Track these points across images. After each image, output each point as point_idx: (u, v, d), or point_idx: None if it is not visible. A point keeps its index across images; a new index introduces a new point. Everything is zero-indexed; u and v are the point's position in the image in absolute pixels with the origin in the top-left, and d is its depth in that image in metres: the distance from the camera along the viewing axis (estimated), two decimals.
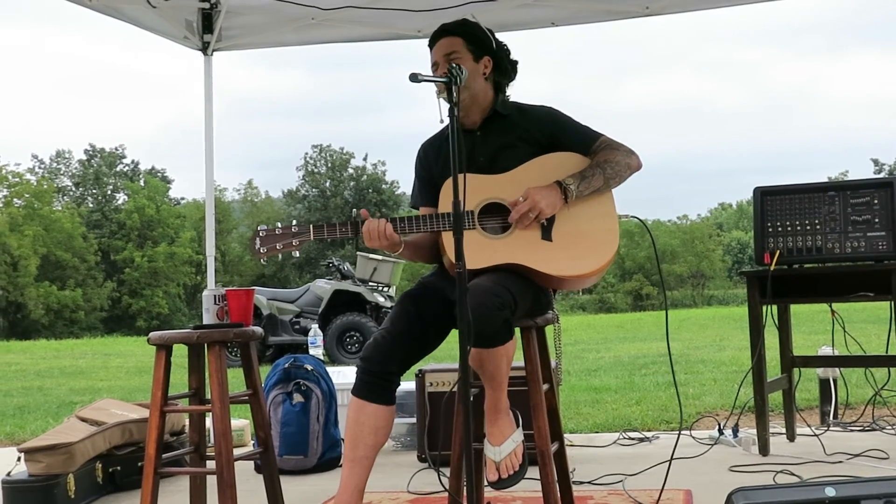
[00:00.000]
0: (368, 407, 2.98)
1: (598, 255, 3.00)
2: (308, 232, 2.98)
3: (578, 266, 2.98)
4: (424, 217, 2.96)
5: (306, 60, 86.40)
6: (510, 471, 2.92)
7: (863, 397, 5.52)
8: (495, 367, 2.90)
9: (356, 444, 2.98)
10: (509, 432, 2.96)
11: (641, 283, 44.69)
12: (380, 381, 2.99)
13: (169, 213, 45.07)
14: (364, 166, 50.27)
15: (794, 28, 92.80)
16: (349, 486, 2.98)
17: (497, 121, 3.15)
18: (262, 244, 2.99)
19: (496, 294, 2.81)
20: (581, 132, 3.12)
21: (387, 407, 3.01)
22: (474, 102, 3.13)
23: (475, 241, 2.93)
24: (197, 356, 3.42)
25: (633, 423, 5.65)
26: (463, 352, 2.58)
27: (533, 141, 3.10)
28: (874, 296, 4.19)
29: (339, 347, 13.18)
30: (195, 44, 5.39)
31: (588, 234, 3.01)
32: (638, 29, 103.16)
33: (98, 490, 4.07)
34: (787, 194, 4.35)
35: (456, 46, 3.12)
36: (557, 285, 3.09)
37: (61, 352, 18.87)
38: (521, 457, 2.96)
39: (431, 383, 4.55)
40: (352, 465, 2.98)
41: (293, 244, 2.98)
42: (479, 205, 2.99)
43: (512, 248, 2.96)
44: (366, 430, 2.98)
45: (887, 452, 4.22)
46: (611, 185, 3.03)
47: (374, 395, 2.99)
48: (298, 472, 4.46)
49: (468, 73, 3.01)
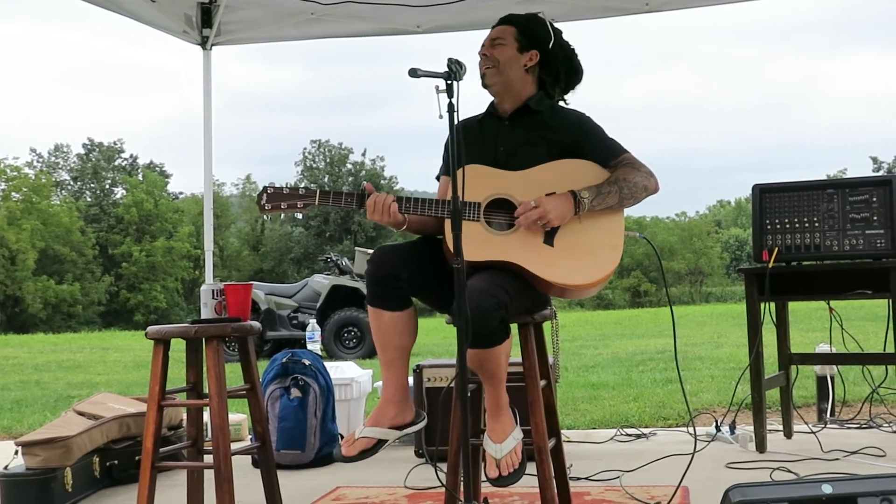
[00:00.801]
0: (385, 315, 2.98)
1: (596, 268, 2.97)
2: (314, 196, 2.99)
3: (574, 276, 2.95)
4: (429, 201, 2.96)
5: (305, 55, 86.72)
6: (511, 468, 2.91)
7: (860, 395, 5.53)
8: (495, 366, 2.91)
9: (385, 348, 3.01)
10: (510, 429, 2.97)
11: (640, 279, 44.71)
12: (389, 289, 2.96)
13: (167, 208, 45.06)
14: (363, 161, 50.26)
15: (793, 25, 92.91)
16: (391, 385, 3.02)
17: (527, 115, 3.15)
18: (268, 200, 3.01)
19: (492, 295, 2.80)
20: (606, 145, 3.10)
21: (404, 312, 2.99)
22: (507, 90, 3.14)
23: (476, 234, 2.93)
24: (195, 351, 3.42)
25: (631, 420, 5.65)
26: (461, 348, 2.58)
27: (556, 142, 3.08)
28: (872, 293, 4.20)
29: (337, 342, 13.18)
30: (194, 38, 5.38)
31: (591, 246, 2.98)
32: (637, 26, 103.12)
33: (95, 484, 4.07)
34: (785, 192, 4.34)
35: (504, 34, 3.15)
36: (549, 291, 3.06)
37: (59, 346, 18.85)
38: (521, 454, 2.96)
39: (429, 378, 4.55)
40: (387, 367, 3.03)
41: (297, 206, 3.00)
42: (487, 198, 2.98)
43: (511, 246, 2.94)
44: (388, 336, 2.99)
45: (884, 450, 4.22)
46: (625, 204, 3.01)
47: (387, 302, 2.97)
48: (296, 466, 4.46)
49: (508, 59, 3.10)
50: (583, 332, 16.96)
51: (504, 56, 3.11)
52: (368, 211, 2.95)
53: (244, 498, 3.62)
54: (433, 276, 2.99)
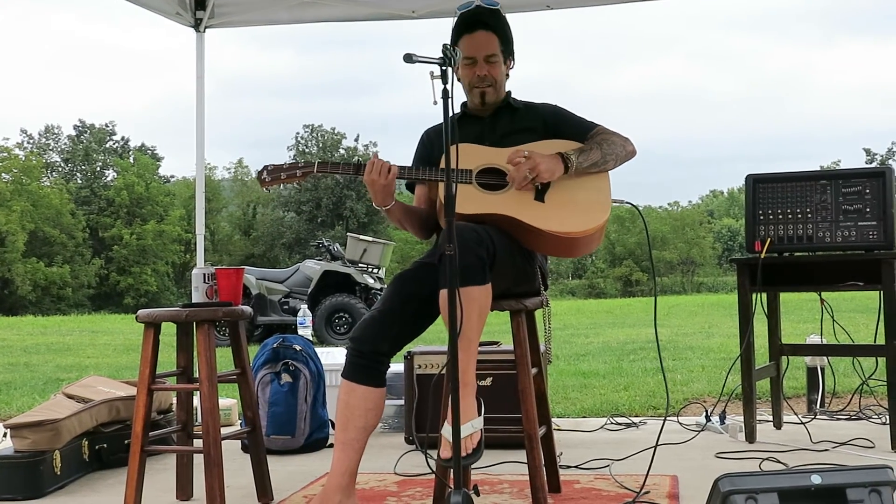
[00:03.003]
0: (358, 389, 2.97)
1: (588, 218, 3.06)
2: (312, 165, 3.13)
3: (567, 224, 3.03)
4: (424, 169, 3.09)
5: (298, 39, 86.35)
6: (464, 452, 2.76)
7: (850, 386, 5.54)
8: (465, 317, 2.72)
9: (347, 426, 2.97)
10: (470, 416, 2.81)
11: (631, 268, 44.81)
12: (370, 362, 2.98)
13: (158, 191, 44.93)
14: (356, 147, 50.13)
15: (788, 16, 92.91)
16: (340, 468, 2.97)
17: (507, 112, 3.30)
18: (267, 174, 3.15)
19: (475, 231, 2.87)
20: (581, 123, 3.28)
21: (377, 389, 2.99)
22: (498, 100, 3.30)
23: (469, 193, 3.03)
24: (185, 335, 3.41)
25: (621, 409, 5.66)
26: (452, 333, 2.57)
27: (537, 131, 3.24)
28: (864, 285, 4.20)
29: (328, 328, 13.17)
30: (187, 20, 5.35)
31: (580, 201, 3.08)
32: (633, 13, 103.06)
33: (84, 467, 4.06)
34: (779, 182, 4.34)
35: (494, 48, 3.22)
36: (544, 245, 3.11)
37: (48, 328, 18.82)
38: (478, 443, 2.82)
39: (420, 365, 4.55)
40: (343, 447, 2.98)
41: (297, 175, 3.13)
42: (478, 167, 3.08)
43: (505, 202, 3.03)
44: (356, 412, 2.97)
45: (873, 441, 4.23)
46: (608, 160, 3.13)
47: (364, 377, 2.98)
48: (285, 452, 4.46)
49: (502, 75, 3.27)
50: (574, 320, 16.98)
51: (498, 73, 3.25)
52: (367, 170, 3.01)
53: (233, 482, 3.61)
54: (413, 333, 3.06)
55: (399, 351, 3.09)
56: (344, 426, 2.98)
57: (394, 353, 3.05)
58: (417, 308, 3.03)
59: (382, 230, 42.53)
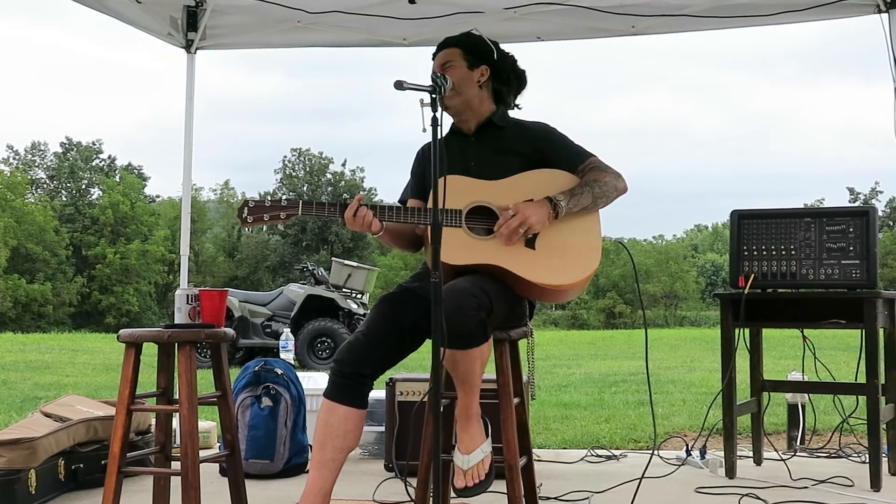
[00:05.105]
0: (339, 409, 2.97)
1: (579, 268, 3.02)
2: (297, 207, 2.99)
3: (558, 276, 2.99)
4: (410, 209, 3.01)
5: (287, 63, 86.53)
6: (476, 479, 2.93)
7: (830, 424, 5.55)
8: (468, 370, 2.89)
9: (324, 446, 2.96)
10: (479, 441, 2.96)
11: (615, 300, 44.86)
12: (352, 383, 2.98)
13: (143, 211, 44.80)
14: (342, 172, 50.21)
15: (774, 55, 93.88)
16: (315, 488, 2.96)
17: (492, 130, 3.23)
18: (249, 213, 3.01)
19: (473, 294, 2.82)
20: (573, 151, 3.18)
21: (358, 410, 2.99)
22: (468, 108, 3.21)
23: (459, 239, 2.97)
24: (167, 355, 3.39)
25: (602, 441, 5.65)
26: (435, 361, 2.57)
27: (524, 154, 3.16)
28: (846, 323, 4.22)
29: (310, 353, 13.11)
30: (179, 41, 5.36)
31: (571, 247, 3.04)
32: (621, 48, 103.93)
33: (60, 487, 4.01)
34: (763, 219, 4.37)
35: (452, 56, 3.21)
36: (534, 293, 3.09)
37: (27, 346, 18.64)
38: (489, 467, 2.96)
39: (402, 392, 4.53)
40: (319, 467, 2.96)
41: (280, 216, 3.00)
42: (468, 206, 3.03)
43: (495, 250, 2.98)
44: (335, 432, 2.96)
45: (853, 480, 4.24)
46: (598, 204, 3.07)
47: (346, 397, 2.98)
48: (264, 476, 4.42)
49: (462, 79, 3.15)
50: (556, 351, 16.97)
51: (457, 76, 3.16)
52: (347, 220, 2.98)
53: None
54: (397, 357, 3.06)
55: (382, 374, 3.08)
56: (322, 445, 2.97)
57: (377, 375, 3.04)
58: (402, 333, 3.04)
59: (367, 255, 42.51)
